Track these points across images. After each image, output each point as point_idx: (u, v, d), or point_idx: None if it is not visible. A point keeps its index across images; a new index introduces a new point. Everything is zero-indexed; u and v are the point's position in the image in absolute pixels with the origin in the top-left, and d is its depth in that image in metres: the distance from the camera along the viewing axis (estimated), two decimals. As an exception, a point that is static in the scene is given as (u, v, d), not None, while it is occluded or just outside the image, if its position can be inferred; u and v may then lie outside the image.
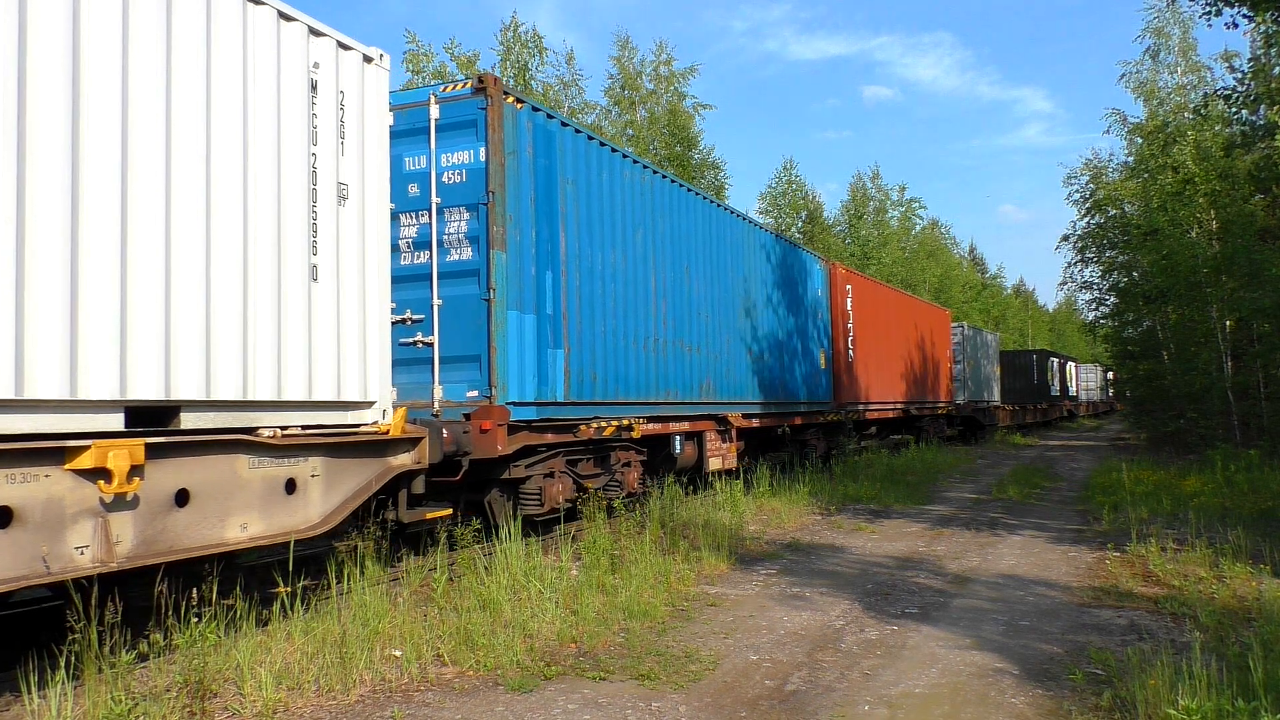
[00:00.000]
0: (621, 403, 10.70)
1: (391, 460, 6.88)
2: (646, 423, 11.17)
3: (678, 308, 12.31)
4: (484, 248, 8.59)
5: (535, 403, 9.01)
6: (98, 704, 4.33)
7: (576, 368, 9.77)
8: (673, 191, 12.60)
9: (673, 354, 12.05)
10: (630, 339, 10.96)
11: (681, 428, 12.32)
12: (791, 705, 4.99)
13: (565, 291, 9.65)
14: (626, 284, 10.97)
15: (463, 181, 8.76)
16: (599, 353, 10.25)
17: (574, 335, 9.78)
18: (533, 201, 9.15)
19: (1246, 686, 4.57)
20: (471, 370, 8.58)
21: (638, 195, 11.44)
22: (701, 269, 13.25)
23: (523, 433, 8.90)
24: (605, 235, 10.55)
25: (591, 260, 10.20)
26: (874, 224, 48.21)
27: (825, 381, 18.74)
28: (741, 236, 15.08)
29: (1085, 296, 32.95)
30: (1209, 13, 14.58)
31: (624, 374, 10.76)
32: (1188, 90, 25.87)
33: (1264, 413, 20.55)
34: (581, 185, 10.09)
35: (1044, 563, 9.20)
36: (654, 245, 11.75)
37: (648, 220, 11.61)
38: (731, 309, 14.31)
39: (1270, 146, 17.71)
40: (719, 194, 31.68)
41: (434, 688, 5.23)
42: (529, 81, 27.10)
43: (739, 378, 14.41)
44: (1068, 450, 29.56)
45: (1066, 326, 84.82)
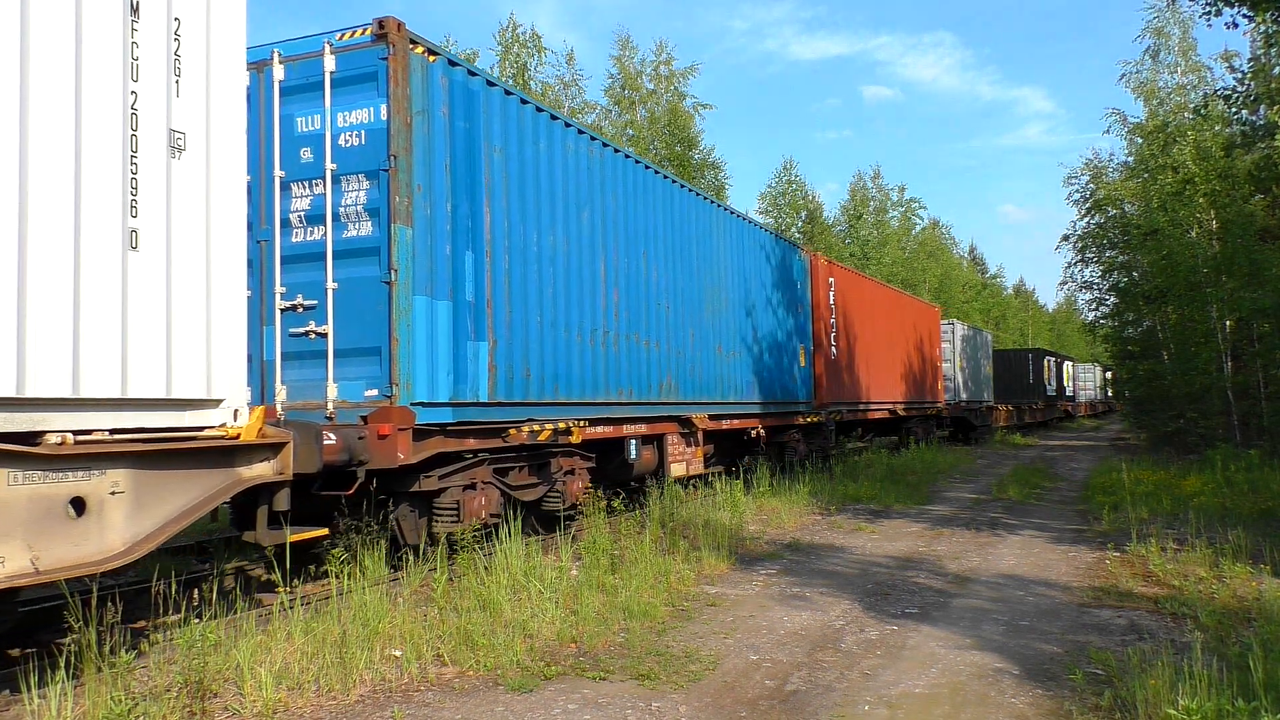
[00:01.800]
0: (563, 403, 9.55)
1: (243, 471, 5.74)
2: (591, 425, 10.06)
3: (633, 298, 11.18)
4: (385, 222, 7.48)
5: (451, 403, 7.91)
6: (98, 704, 4.33)
7: (505, 363, 8.64)
8: (627, 168, 11.36)
9: (627, 349, 10.95)
10: (574, 332, 9.81)
11: (638, 430, 11.26)
12: (791, 705, 4.99)
13: (491, 276, 8.48)
14: (569, 270, 9.79)
15: (361, 144, 7.63)
16: (534, 346, 9.10)
17: (502, 326, 8.60)
18: (448, 170, 8.01)
19: (1246, 686, 4.57)
20: (371, 365, 7.49)
21: (584, 170, 10.22)
22: (662, 256, 12.08)
23: (436, 438, 7.84)
24: (543, 214, 9.39)
25: (525, 241, 9.03)
26: (874, 224, 48.26)
27: (805, 380, 17.66)
28: (709, 221, 13.92)
29: (1085, 296, 33.04)
30: (1209, 13, 14.58)
31: (566, 371, 9.64)
32: (1188, 90, 25.87)
33: (1264, 413, 20.54)
34: (513, 155, 8.91)
35: (1044, 563, 9.20)
36: (604, 227, 10.57)
37: (597, 199, 10.44)
38: (697, 301, 13.15)
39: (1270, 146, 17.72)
40: (719, 194, 31.67)
41: (434, 688, 5.23)
42: (528, 81, 27.12)
43: (706, 376, 13.32)
44: (1067, 450, 29.56)
45: (1066, 326, 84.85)
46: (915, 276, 49.71)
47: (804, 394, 17.52)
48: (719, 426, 13.70)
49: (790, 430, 17.25)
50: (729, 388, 14.15)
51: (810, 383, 17.85)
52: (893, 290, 25.64)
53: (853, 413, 20.07)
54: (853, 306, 20.41)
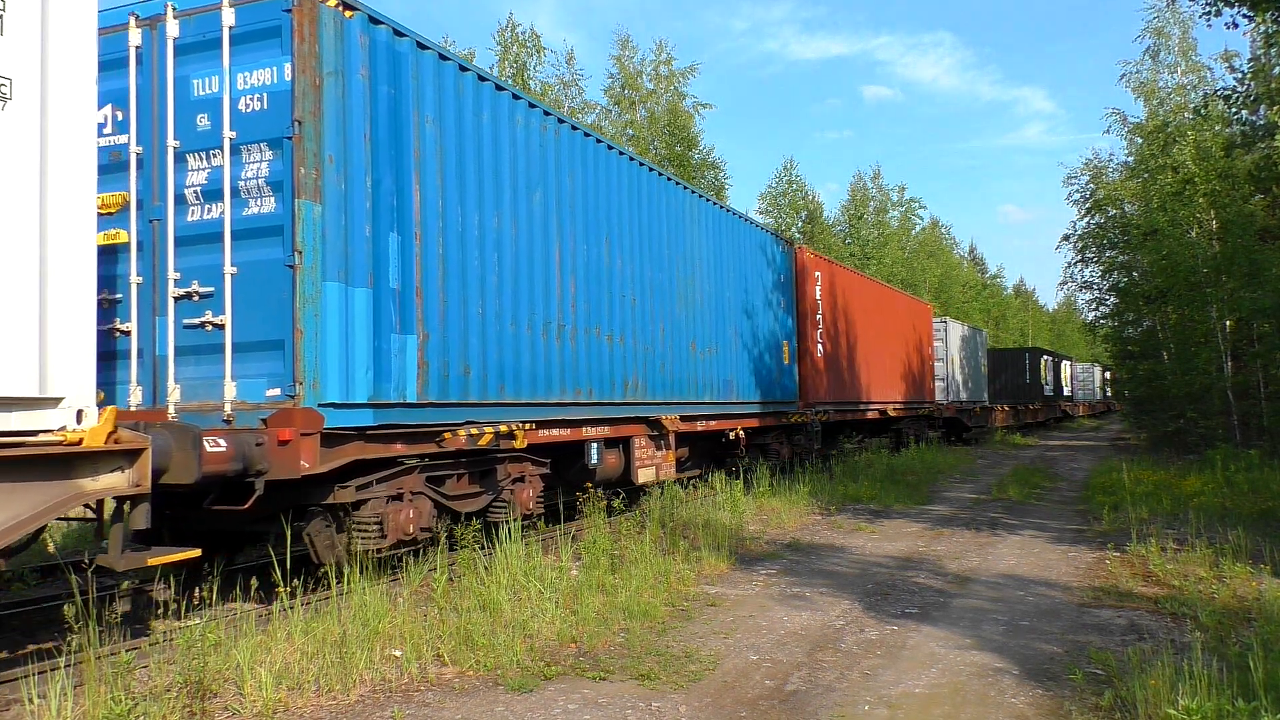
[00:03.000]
0: (510, 403, 8.69)
1: (86, 483, 4.94)
2: (542, 427, 9.23)
3: (593, 288, 10.32)
4: (289, 197, 6.65)
5: (371, 404, 7.07)
6: (98, 704, 4.33)
7: (439, 359, 7.80)
8: (586, 147, 10.43)
9: (586, 344, 10.07)
10: (524, 325, 8.95)
11: (599, 433, 10.40)
12: (791, 705, 4.99)
13: (421, 261, 7.66)
14: (518, 256, 8.93)
15: (263, 109, 6.78)
16: (475, 341, 8.24)
17: (435, 318, 7.77)
18: (368, 141, 7.18)
19: (1247, 686, 4.57)
20: (274, 361, 6.64)
21: (535, 147, 9.35)
22: (627, 244, 11.20)
23: (353, 443, 7.00)
24: (487, 193, 8.51)
25: (465, 224, 8.19)
26: (874, 224, 48.27)
27: (790, 379, 16.87)
28: (682, 208, 12.93)
29: (1085, 296, 33.06)
30: (1209, 13, 14.58)
31: (514, 367, 8.78)
32: (1188, 90, 25.89)
33: (1264, 413, 20.55)
34: (450, 127, 8.08)
35: (1044, 563, 9.20)
36: (559, 211, 9.69)
37: (550, 179, 9.56)
38: (668, 293, 12.25)
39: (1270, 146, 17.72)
40: (719, 194, 31.68)
41: (434, 688, 5.23)
42: (527, 81, 27.13)
43: (678, 374, 12.42)
44: (1067, 450, 29.57)
45: (1066, 326, 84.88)
46: (915, 276, 49.72)
47: (788, 394, 16.75)
48: (693, 428, 12.97)
49: (773, 432, 16.54)
50: (704, 387, 13.34)
51: (795, 382, 17.11)
52: (884, 286, 24.87)
53: (841, 413, 19.34)
54: (842, 303, 19.73)
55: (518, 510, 8.95)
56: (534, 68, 27.68)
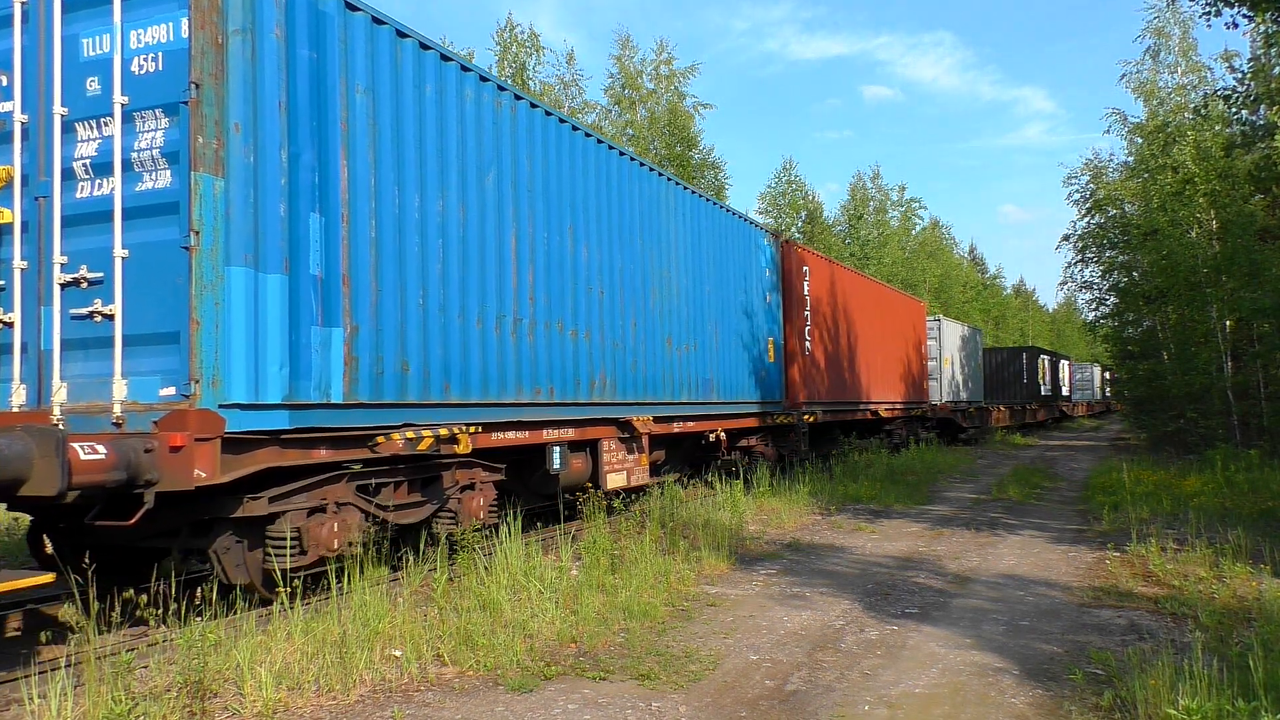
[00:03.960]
0: (456, 404, 8.03)
1: None
2: (492, 430, 8.54)
3: (555, 279, 9.62)
4: (186, 170, 5.91)
5: (287, 405, 6.36)
6: (98, 704, 4.33)
7: (370, 354, 7.09)
8: (548, 126, 9.64)
9: (547, 339, 9.40)
10: (473, 317, 8.29)
11: (562, 435, 9.73)
12: (791, 705, 4.99)
13: (349, 246, 6.95)
14: (467, 243, 8.25)
15: (159, 70, 6.05)
16: (414, 334, 7.57)
17: (365, 308, 7.07)
18: (284, 110, 6.45)
19: (1247, 686, 4.57)
20: (169, 356, 5.92)
21: (489, 125, 8.65)
22: (594, 232, 10.47)
23: (266, 449, 6.30)
24: (430, 173, 7.84)
25: (403, 206, 7.51)
26: (874, 224, 48.30)
27: (775, 378, 16.15)
28: (657, 196, 12.17)
29: (1085, 296, 33.03)
30: (1209, 13, 14.59)
31: (461, 364, 8.11)
32: (1188, 90, 25.89)
33: (1264, 413, 20.56)
34: (386, 99, 7.41)
35: (1044, 563, 9.20)
36: (515, 195, 9.00)
37: (506, 160, 8.88)
38: (640, 286, 11.54)
39: (1270, 146, 17.73)
40: (719, 194, 31.68)
41: (434, 688, 5.23)
42: (527, 80, 27.14)
43: (652, 372, 11.69)
44: (1067, 450, 29.57)
45: (1066, 326, 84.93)
46: (915, 276, 49.75)
47: (774, 393, 16.09)
48: (669, 430, 12.26)
49: (758, 433, 15.84)
50: (681, 386, 12.62)
51: (781, 381, 16.45)
52: (877, 284, 24.14)
53: (830, 413, 18.62)
54: (832, 300, 19.10)
55: (467, 521, 8.23)
56: (533, 68, 27.72)
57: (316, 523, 6.77)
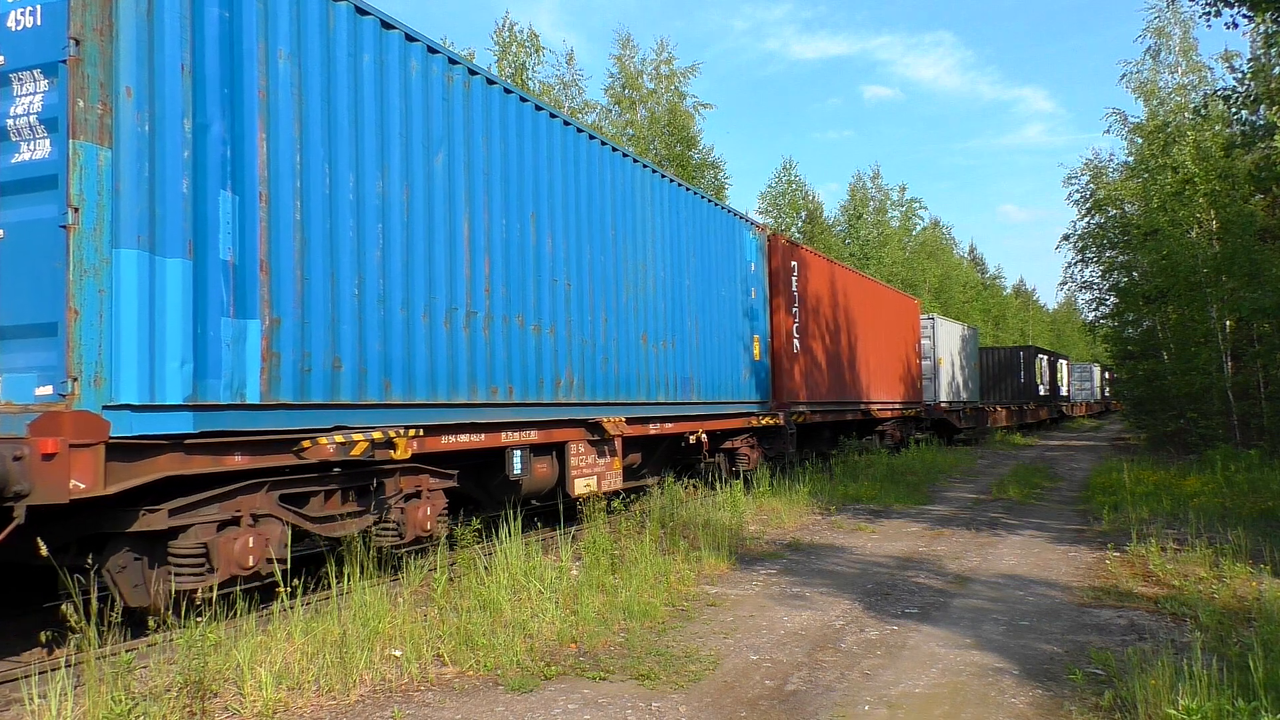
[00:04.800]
0: (399, 404, 7.34)
1: None
2: (443, 433, 7.86)
3: (516, 271, 8.96)
4: (65, 138, 5.28)
5: (191, 406, 5.67)
6: (98, 704, 4.33)
7: (295, 350, 6.40)
8: (507, 105, 8.95)
9: (506, 335, 8.73)
10: (419, 310, 7.63)
11: (524, 438, 9.05)
12: (791, 705, 4.99)
13: (269, 229, 6.27)
14: (411, 228, 7.61)
15: (36, 26, 5.43)
16: (348, 328, 6.88)
17: (288, 298, 6.38)
18: (188, 73, 5.77)
19: (1247, 686, 4.57)
20: (46, 350, 5.29)
21: (439, 101, 8.02)
22: (560, 221, 9.79)
23: (168, 455, 5.62)
24: (368, 152, 7.16)
25: (335, 186, 6.82)
26: (874, 224, 48.32)
27: (760, 377, 15.38)
28: (631, 184, 11.44)
29: (1085, 296, 33.04)
30: (1209, 13, 14.60)
31: (404, 361, 7.44)
32: (1188, 90, 25.89)
33: (1264, 413, 20.59)
34: (316, 67, 6.70)
35: (1044, 563, 9.20)
36: (470, 178, 8.34)
37: (459, 140, 8.23)
38: (612, 279, 10.84)
39: (1270, 146, 17.71)
40: (719, 194, 31.69)
41: (434, 688, 5.23)
42: (526, 80, 27.13)
43: (625, 370, 11.01)
44: (1067, 450, 29.57)
45: (1066, 326, 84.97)
46: (915, 276, 49.78)
47: (759, 393, 15.35)
48: (645, 432, 11.57)
49: (742, 435, 15.05)
50: (658, 385, 11.88)
51: (766, 380, 15.69)
52: (870, 280, 23.34)
53: (820, 414, 17.92)
54: (820, 295, 18.46)
55: (411, 532, 7.69)
56: (533, 68, 27.72)
57: (228, 537, 6.11)
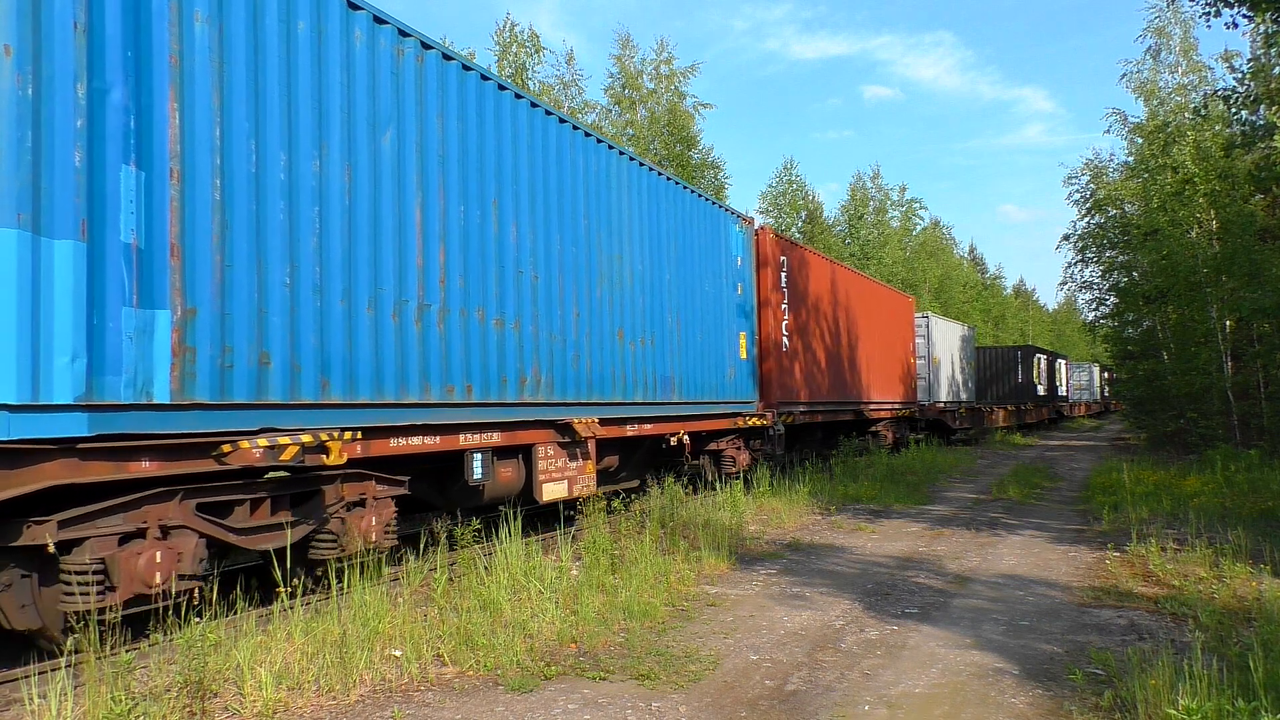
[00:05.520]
0: (338, 404, 6.76)
1: None
2: (392, 435, 7.31)
3: (475, 260, 8.38)
4: None
5: (84, 405, 5.15)
6: (98, 704, 4.33)
7: (213, 344, 5.83)
8: (465, 83, 8.39)
9: (464, 330, 8.18)
10: (362, 302, 7.05)
11: (486, 440, 8.49)
12: (791, 705, 4.99)
13: (182, 208, 5.70)
14: (354, 213, 7.02)
15: None
16: (278, 320, 6.30)
17: (206, 286, 5.81)
18: (82, 31, 5.25)
19: (1247, 686, 4.57)
20: None
21: (386, 76, 7.43)
22: (526, 207, 9.19)
23: (58, 461, 5.09)
24: (302, 128, 6.59)
25: (263, 164, 6.27)
26: (874, 224, 48.33)
27: (748, 376, 14.80)
28: (605, 170, 10.81)
29: (1085, 296, 33.06)
30: (1209, 13, 14.60)
31: (344, 357, 6.85)
32: (1188, 90, 25.90)
33: (1264, 413, 20.59)
34: (239, 33, 6.16)
35: (1044, 563, 9.20)
36: (423, 160, 7.78)
37: (410, 119, 7.67)
38: (585, 271, 10.26)
39: (1270, 146, 17.72)
40: (719, 194, 31.68)
41: (434, 688, 5.23)
42: (526, 80, 27.13)
43: (600, 368, 10.45)
44: (1067, 450, 29.57)
45: (1066, 326, 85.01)
46: (915, 276, 49.80)
47: (746, 393, 14.73)
48: (621, 433, 11.02)
49: (728, 436, 14.50)
50: (636, 384, 11.29)
51: (754, 379, 15.10)
52: (862, 276, 22.65)
53: (810, 414, 17.37)
54: (811, 292, 17.90)
55: (354, 544, 7.08)
56: (533, 68, 27.72)
57: (130, 552, 5.51)
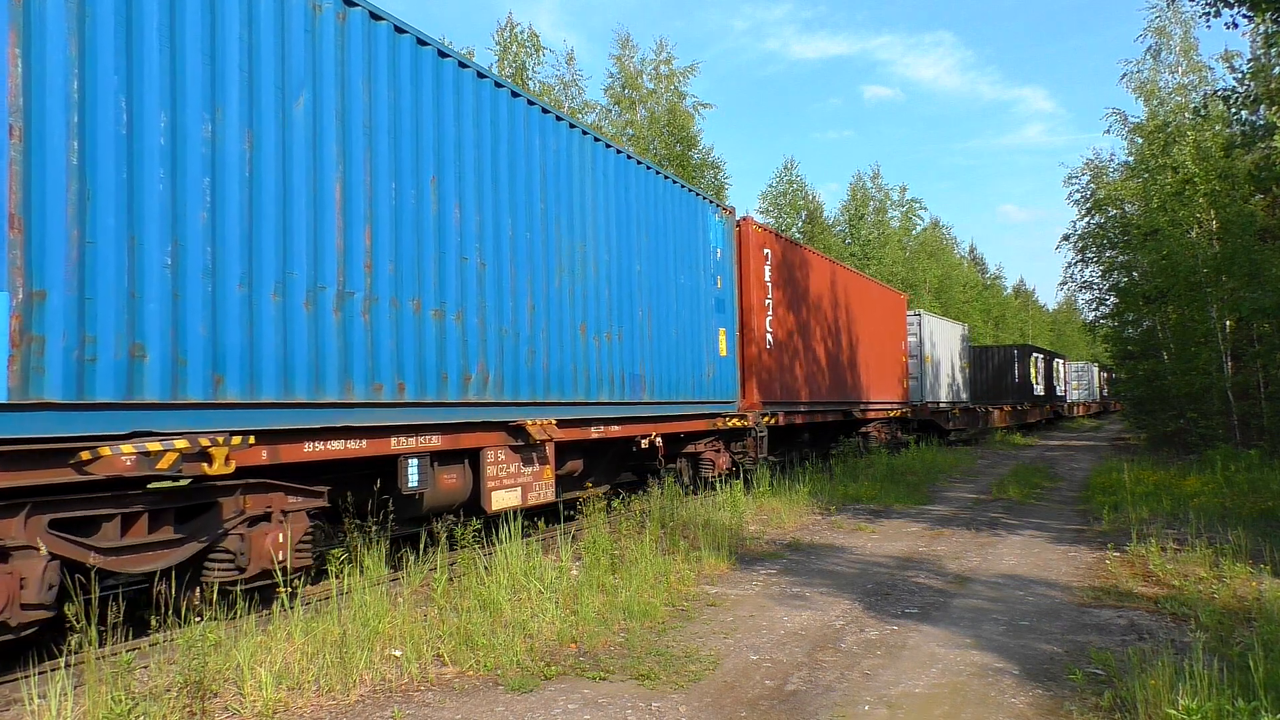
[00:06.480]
0: (236, 404, 5.94)
1: None
2: (293, 440, 6.42)
3: (409, 244, 7.58)
4: None
5: None
6: (98, 704, 4.33)
7: (69, 333, 5.06)
8: (397, 48, 7.55)
9: (395, 320, 7.34)
10: (267, 287, 6.22)
11: (423, 444, 7.71)
12: (791, 705, 4.99)
13: (24, 172, 4.95)
14: (258, 187, 6.22)
15: None
16: (158, 307, 5.49)
17: (58, 265, 5.03)
18: None
19: (1247, 686, 4.57)
20: None
21: (298, 33, 6.59)
22: (471, 187, 8.36)
23: None
24: (192, 87, 5.75)
25: (138, 126, 5.45)
26: (874, 224, 48.33)
27: (728, 375, 13.96)
28: (566, 150, 10.01)
29: (1085, 296, 33.06)
30: (1208, 13, 14.60)
31: (245, 350, 6.04)
32: (1188, 90, 25.90)
33: (1264, 413, 20.59)
34: None
35: (1044, 563, 9.20)
36: (343, 129, 6.96)
37: (329, 83, 6.83)
38: (541, 259, 9.42)
39: (1270, 146, 17.73)
40: (719, 194, 31.66)
41: (434, 688, 5.23)
42: (526, 80, 27.13)
43: (559, 365, 9.64)
44: (1067, 450, 29.57)
45: (1066, 326, 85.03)
46: (915, 276, 49.80)
47: (725, 392, 13.88)
48: (585, 435, 10.28)
49: (706, 438, 13.79)
50: (600, 382, 10.45)
51: (735, 378, 14.28)
52: (851, 271, 21.70)
53: (794, 415, 16.65)
54: (797, 286, 17.15)
55: (257, 563, 6.33)
56: (533, 68, 27.71)
57: None
